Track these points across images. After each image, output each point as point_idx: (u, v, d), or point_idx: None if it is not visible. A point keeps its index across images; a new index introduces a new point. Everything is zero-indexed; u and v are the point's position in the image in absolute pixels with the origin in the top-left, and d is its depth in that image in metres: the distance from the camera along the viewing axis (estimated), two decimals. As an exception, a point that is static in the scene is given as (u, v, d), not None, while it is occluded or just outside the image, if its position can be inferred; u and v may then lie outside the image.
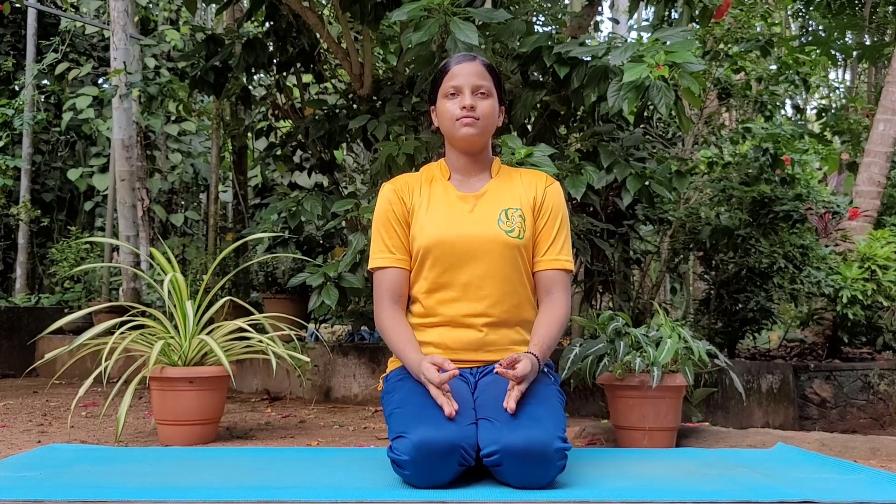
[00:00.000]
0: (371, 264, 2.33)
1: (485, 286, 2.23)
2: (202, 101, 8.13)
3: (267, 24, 5.29)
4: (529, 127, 4.71)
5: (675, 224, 5.28)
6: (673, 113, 4.49)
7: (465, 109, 2.23)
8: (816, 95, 13.10)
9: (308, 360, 3.43)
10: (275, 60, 5.32)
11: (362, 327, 5.18)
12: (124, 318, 3.30)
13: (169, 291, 3.24)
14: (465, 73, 2.26)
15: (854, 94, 12.92)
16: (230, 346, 3.29)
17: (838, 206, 5.81)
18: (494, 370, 2.04)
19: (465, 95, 2.24)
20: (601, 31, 13.18)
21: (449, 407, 1.96)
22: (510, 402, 1.97)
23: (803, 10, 11.81)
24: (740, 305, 5.58)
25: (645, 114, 4.67)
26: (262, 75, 6.54)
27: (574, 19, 5.12)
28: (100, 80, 9.71)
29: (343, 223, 4.89)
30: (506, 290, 2.25)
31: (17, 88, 9.68)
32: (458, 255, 2.24)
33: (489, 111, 2.27)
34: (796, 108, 9.02)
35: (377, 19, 4.62)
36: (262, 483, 1.97)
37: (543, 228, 2.30)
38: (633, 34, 5.71)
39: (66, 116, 8.89)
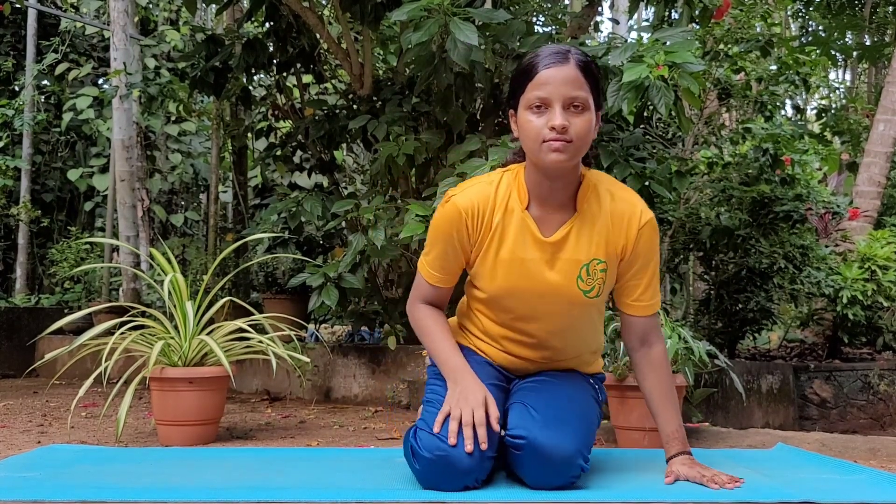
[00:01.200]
0: (419, 268, 2.11)
1: (553, 340, 2.09)
2: (202, 101, 8.13)
3: (267, 25, 5.29)
4: (529, 127, 4.70)
5: (675, 224, 5.27)
6: (673, 113, 4.48)
7: (554, 131, 1.82)
8: (816, 96, 13.09)
9: (308, 360, 3.43)
10: (275, 61, 5.32)
11: (362, 327, 5.18)
12: (124, 319, 3.30)
13: (169, 292, 3.24)
14: (556, 81, 1.84)
15: (854, 94, 12.92)
16: (230, 347, 3.29)
17: (838, 206, 5.81)
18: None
19: (555, 112, 1.83)
20: (601, 32, 13.20)
21: (470, 445, 1.84)
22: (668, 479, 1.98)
23: (803, 11, 11.81)
24: (740, 306, 5.58)
25: (645, 114, 4.66)
26: (262, 76, 6.54)
27: (574, 19, 5.12)
28: (100, 81, 9.71)
29: (343, 223, 4.89)
30: (574, 343, 2.13)
31: (17, 89, 9.69)
32: (529, 308, 2.03)
33: (585, 129, 1.86)
34: (796, 108, 9.01)
35: (377, 19, 4.62)
36: (263, 483, 1.97)
37: (634, 274, 2.01)
38: (633, 34, 5.71)
39: (67, 117, 8.89)
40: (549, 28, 6.00)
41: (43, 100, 9.40)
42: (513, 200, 1.97)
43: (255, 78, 6.67)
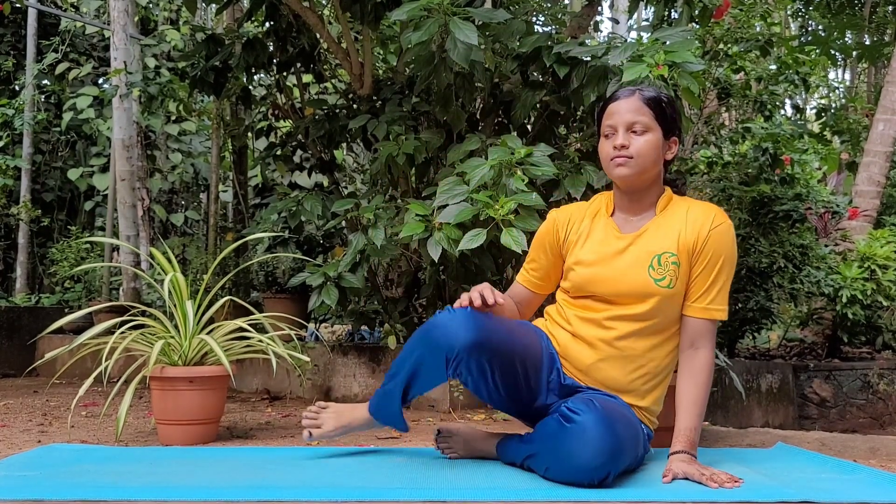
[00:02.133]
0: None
1: (620, 330, 2.17)
2: (202, 100, 8.13)
3: (267, 24, 5.29)
4: (529, 127, 4.72)
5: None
6: (673, 113, 4.48)
7: (616, 149, 2.14)
8: (816, 95, 13.10)
9: (308, 359, 3.43)
10: (275, 60, 5.32)
11: (362, 327, 5.18)
12: (124, 318, 3.30)
13: (169, 291, 3.24)
14: (620, 111, 2.17)
15: (854, 93, 12.93)
16: (230, 346, 3.29)
17: (838, 205, 5.82)
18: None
19: (618, 134, 2.15)
20: (601, 31, 13.20)
21: (467, 300, 2.07)
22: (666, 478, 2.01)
23: (803, 10, 11.81)
24: (740, 305, 5.58)
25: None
26: (262, 75, 6.54)
27: (574, 19, 5.12)
28: (100, 80, 9.71)
29: (343, 223, 4.89)
30: (635, 353, 2.17)
31: (17, 88, 9.69)
32: (605, 294, 2.19)
33: (645, 147, 2.14)
34: (796, 107, 9.02)
35: (377, 19, 4.62)
36: (263, 483, 1.97)
37: (700, 274, 2.15)
38: (633, 34, 5.72)
39: (67, 116, 8.89)
40: (549, 28, 5.99)
41: (43, 99, 9.40)
42: (601, 210, 2.29)
43: (256, 77, 6.67)
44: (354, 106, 5.08)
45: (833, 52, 11.22)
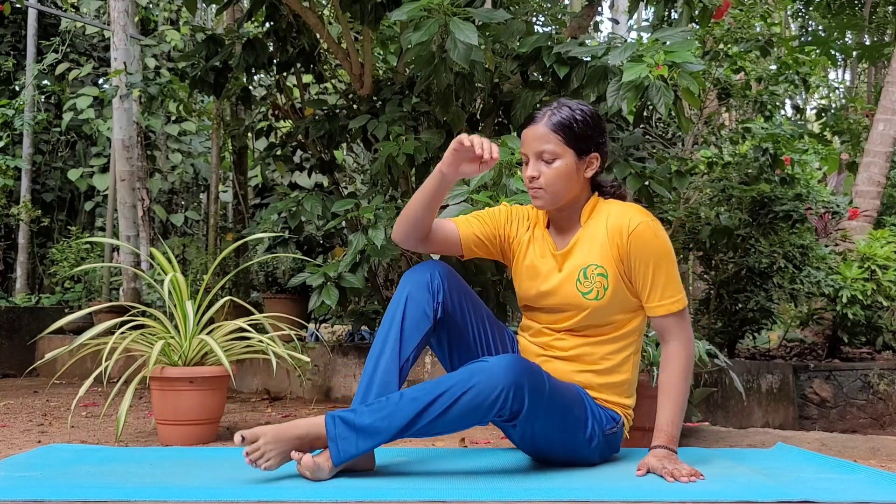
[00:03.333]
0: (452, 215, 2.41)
1: (566, 339, 2.25)
2: (202, 101, 8.13)
3: (267, 25, 5.29)
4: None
5: (674, 224, 5.28)
6: (672, 113, 4.49)
7: (527, 180, 2.17)
8: (816, 95, 13.11)
9: (308, 359, 3.43)
10: (275, 61, 5.32)
11: (362, 327, 5.18)
12: (124, 318, 3.30)
13: (169, 291, 3.24)
14: (528, 139, 2.17)
15: (854, 94, 12.94)
16: (230, 346, 3.29)
17: (838, 205, 5.82)
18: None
19: (529, 164, 2.17)
20: (601, 32, 13.19)
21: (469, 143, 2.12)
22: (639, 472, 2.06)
23: (803, 10, 11.82)
24: (740, 305, 5.58)
25: (644, 114, 4.67)
26: (262, 75, 6.54)
27: (574, 19, 5.12)
28: (100, 81, 9.71)
29: (343, 223, 4.89)
30: (588, 350, 2.23)
31: (17, 89, 9.69)
32: (544, 306, 2.26)
33: (554, 176, 2.14)
34: (796, 108, 9.01)
35: (377, 19, 4.62)
36: (263, 483, 1.97)
37: (638, 278, 2.16)
38: (633, 34, 5.71)
39: (67, 116, 8.89)
40: (549, 28, 5.99)
41: (43, 100, 9.40)
42: (540, 221, 2.32)
43: (256, 78, 6.67)
44: (354, 106, 5.08)
45: (833, 52, 11.23)
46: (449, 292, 2.20)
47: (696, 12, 4.47)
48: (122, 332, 3.19)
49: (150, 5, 9.40)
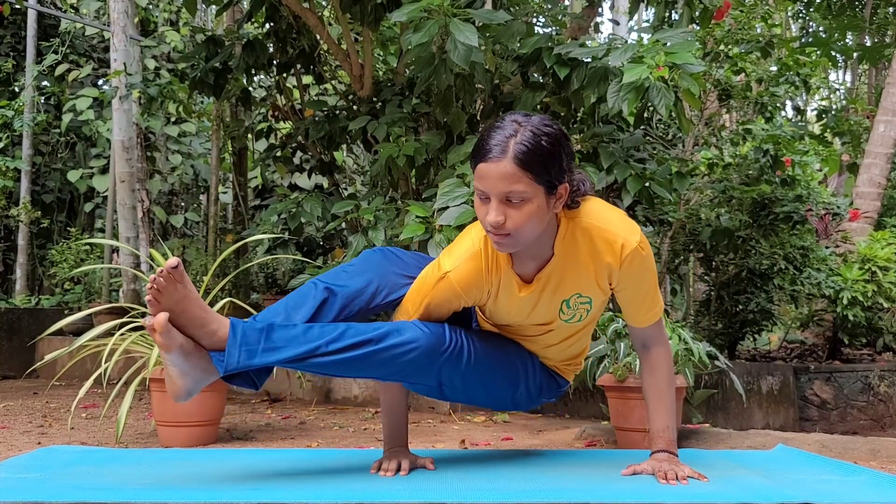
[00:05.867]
0: (399, 315, 2.10)
1: (547, 351, 2.22)
2: (202, 102, 8.13)
3: (267, 26, 5.29)
4: (529, 128, 4.70)
5: (675, 225, 5.27)
6: (673, 114, 4.49)
7: (491, 226, 1.83)
8: (817, 97, 13.11)
9: (308, 361, 3.42)
10: (275, 62, 5.32)
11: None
12: (124, 320, 3.30)
13: (169, 293, 3.23)
14: (489, 177, 1.81)
15: (854, 95, 12.94)
16: (230, 348, 3.28)
17: (838, 207, 5.82)
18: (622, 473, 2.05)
19: (492, 207, 1.82)
20: (601, 33, 13.19)
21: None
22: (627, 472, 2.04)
23: (804, 12, 11.82)
24: (740, 307, 5.58)
25: (645, 115, 4.67)
26: (262, 77, 6.55)
27: (574, 20, 5.12)
28: (100, 82, 9.72)
29: (343, 224, 4.89)
30: (567, 351, 2.24)
31: (17, 90, 9.70)
32: (521, 333, 2.17)
33: (522, 220, 1.83)
34: (797, 109, 9.02)
35: (377, 20, 4.62)
36: (262, 485, 1.97)
37: (628, 297, 2.04)
38: (634, 35, 5.71)
39: (66, 118, 8.90)
40: (550, 29, 5.99)
41: (43, 101, 9.41)
42: (499, 260, 2.01)
43: (255, 79, 6.68)
44: (354, 107, 5.08)
45: (834, 53, 11.23)
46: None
47: (697, 13, 4.47)
48: (122, 334, 3.19)
49: (150, 6, 9.40)
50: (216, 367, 1.92)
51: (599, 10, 5.16)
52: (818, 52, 10.37)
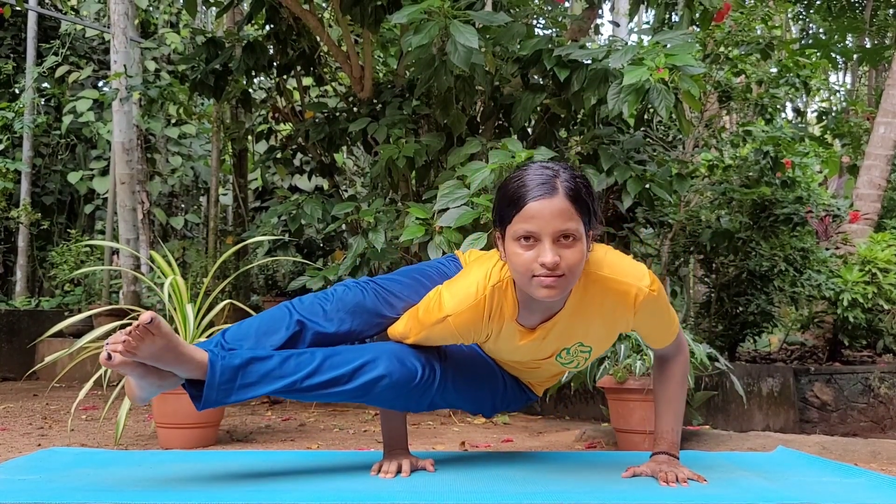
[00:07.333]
0: (393, 334, 2.06)
1: (530, 375, 2.25)
2: (202, 104, 8.13)
3: (267, 28, 5.30)
4: (530, 130, 4.71)
5: (675, 227, 5.27)
6: (673, 116, 4.49)
7: (545, 267, 1.73)
8: (817, 98, 13.11)
9: (308, 363, 3.42)
10: (275, 63, 5.33)
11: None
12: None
13: (169, 294, 3.24)
14: (544, 216, 1.72)
15: (854, 97, 12.94)
16: (230, 350, 3.28)
17: (839, 209, 5.82)
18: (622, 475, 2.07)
19: (545, 248, 1.73)
20: (601, 35, 13.18)
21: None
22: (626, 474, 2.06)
23: (804, 13, 11.83)
24: (741, 308, 5.58)
25: (645, 117, 4.67)
26: (262, 78, 6.55)
27: (574, 22, 5.12)
28: (100, 83, 9.72)
29: (343, 226, 4.89)
30: (549, 379, 2.28)
31: (17, 91, 9.70)
32: (518, 368, 2.19)
33: (576, 260, 1.75)
34: (797, 111, 9.03)
35: (377, 22, 4.62)
36: (262, 486, 1.97)
37: (644, 331, 2.03)
38: (634, 37, 5.72)
39: (67, 119, 8.90)
40: (550, 31, 5.99)
41: (43, 102, 9.41)
42: (504, 311, 1.95)
43: (256, 81, 6.67)
44: (355, 109, 5.08)
45: (834, 55, 11.22)
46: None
47: (697, 15, 4.47)
48: (122, 336, 3.18)
49: (151, 8, 9.41)
50: (192, 402, 1.93)
51: (599, 11, 5.16)
52: (818, 54, 10.37)
